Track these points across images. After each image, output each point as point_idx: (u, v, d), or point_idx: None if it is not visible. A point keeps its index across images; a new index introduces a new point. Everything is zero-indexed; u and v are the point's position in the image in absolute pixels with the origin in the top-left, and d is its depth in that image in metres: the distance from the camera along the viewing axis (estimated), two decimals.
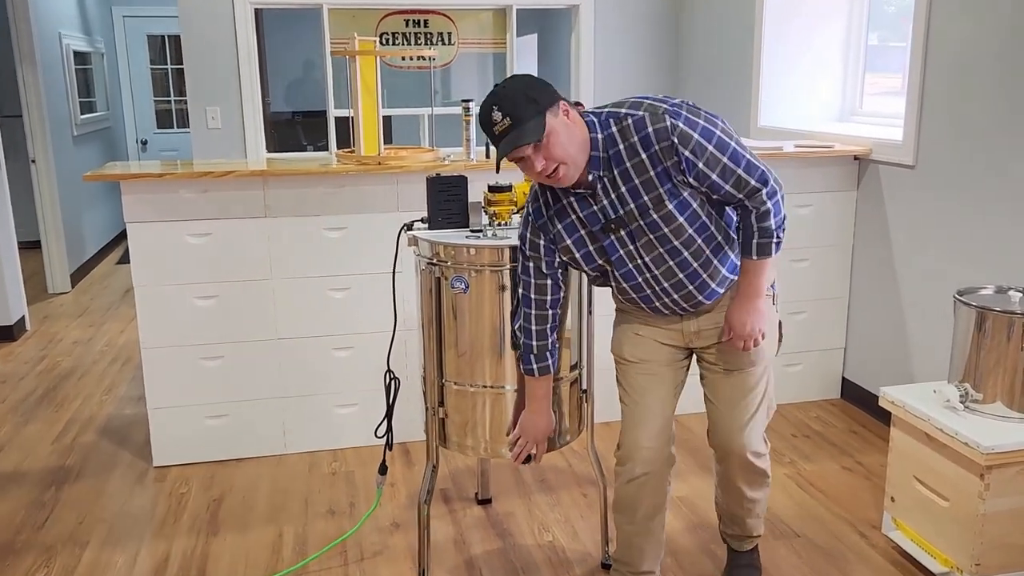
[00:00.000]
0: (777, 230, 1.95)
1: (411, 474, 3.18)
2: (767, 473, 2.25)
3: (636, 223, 1.93)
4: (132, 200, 3.01)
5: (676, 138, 1.84)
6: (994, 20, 2.85)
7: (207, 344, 3.18)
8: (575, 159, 1.87)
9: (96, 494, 3.07)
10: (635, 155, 1.88)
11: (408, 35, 5.05)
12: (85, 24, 7.17)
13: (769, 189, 1.91)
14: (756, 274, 1.99)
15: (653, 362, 2.16)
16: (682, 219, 1.92)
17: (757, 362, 2.12)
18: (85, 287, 6.19)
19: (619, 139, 1.89)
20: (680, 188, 1.90)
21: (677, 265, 1.98)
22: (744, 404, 2.14)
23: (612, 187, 1.92)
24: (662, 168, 1.87)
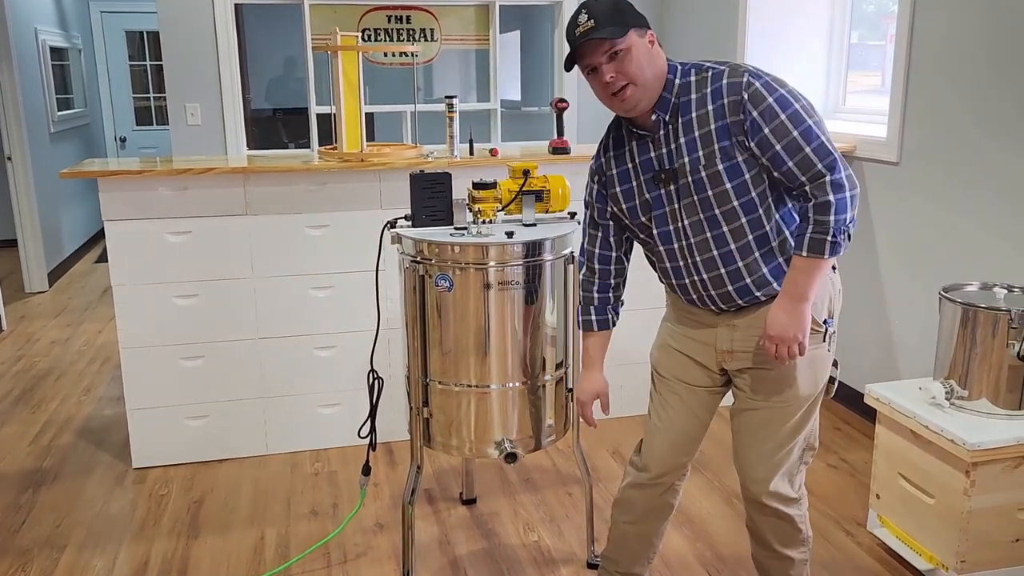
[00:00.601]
0: (836, 229, 1.72)
1: (395, 474, 3.15)
2: (798, 526, 2.01)
3: (685, 179, 1.82)
4: (110, 198, 2.96)
5: (747, 94, 1.73)
6: (977, 18, 2.86)
7: (187, 344, 3.13)
8: (646, 85, 1.79)
9: (74, 497, 3.01)
10: (702, 106, 1.78)
11: (390, 31, 5.01)
12: (62, 19, 7.08)
13: (835, 179, 1.72)
14: (804, 272, 1.76)
15: (683, 383, 2.03)
16: (729, 186, 1.78)
17: (792, 396, 1.90)
18: (63, 286, 6.10)
19: (693, 88, 1.80)
20: (736, 151, 1.76)
21: (713, 239, 1.83)
22: (770, 439, 1.94)
23: (673, 136, 1.82)
24: (723, 124, 1.76)
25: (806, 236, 1.75)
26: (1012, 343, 2.30)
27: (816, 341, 1.88)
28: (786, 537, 2.03)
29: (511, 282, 2.22)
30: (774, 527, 2.02)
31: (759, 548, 2.10)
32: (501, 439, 2.31)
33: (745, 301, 1.88)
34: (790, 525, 2.02)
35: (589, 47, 1.77)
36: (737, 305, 1.89)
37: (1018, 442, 2.26)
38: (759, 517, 2.03)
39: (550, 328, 2.31)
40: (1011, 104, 2.76)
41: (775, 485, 1.97)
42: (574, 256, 2.34)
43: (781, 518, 2.01)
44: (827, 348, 1.91)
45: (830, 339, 1.91)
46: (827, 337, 1.90)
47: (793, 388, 1.90)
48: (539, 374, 2.31)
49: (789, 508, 1.99)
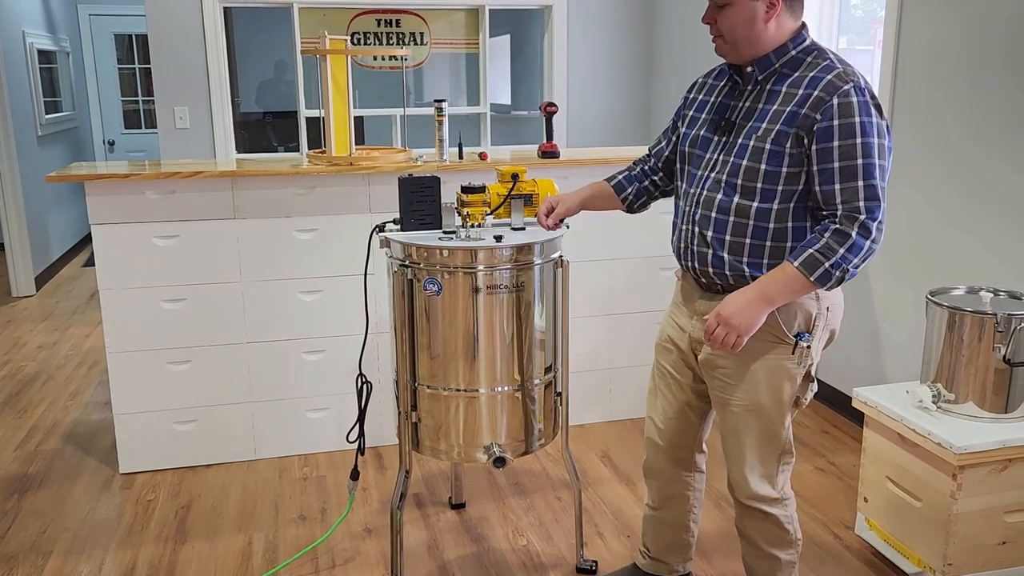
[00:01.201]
0: (839, 261, 1.70)
1: (383, 479, 3.14)
2: (784, 527, 2.01)
3: (736, 139, 1.82)
4: (97, 201, 2.94)
5: (838, 101, 1.69)
6: (963, 26, 2.88)
7: (175, 348, 3.12)
8: (736, 44, 1.80)
9: (60, 502, 2.99)
10: (796, 85, 1.76)
11: (380, 35, 5.01)
12: (50, 22, 7.04)
13: (868, 222, 1.69)
14: (785, 280, 1.73)
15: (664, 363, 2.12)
16: (763, 167, 1.76)
17: (752, 402, 1.90)
18: (50, 290, 6.06)
19: (802, 67, 1.78)
20: (789, 142, 1.73)
21: (719, 203, 1.83)
22: (740, 445, 1.96)
23: (757, 97, 1.82)
24: (797, 112, 1.73)
25: (808, 250, 1.73)
26: (998, 347, 2.32)
27: (784, 353, 1.86)
28: (772, 537, 2.04)
29: (500, 286, 2.22)
30: (759, 527, 2.04)
31: (747, 547, 2.11)
32: (490, 443, 2.30)
33: (715, 274, 1.88)
34: (775, 525, 2.02)
35: None
36: (709, 277, 1.90)
37: (1004, 445, 2.27)
38: (744, 517, 2.06)
39: (539, 332, 2.31)
40: (996, 111, 2.78)
41: (754, 487, 1.98)
42: (563, 260, 2.34)
43: (766, 518, 2.02)
44: (795, 363, 1.87)
45: (801, 354, 1.86)
46: (796, 350, 1.85)
47: (750, 391, 1.89)
48: (528, 378, 2.31)
49: (773, 508, 2.00)
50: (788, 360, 1.86)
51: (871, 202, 1.70)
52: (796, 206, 1.79)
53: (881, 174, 1.71)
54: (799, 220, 1.80)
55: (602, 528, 2.79)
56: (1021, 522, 2.34)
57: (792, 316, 1.83)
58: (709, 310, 1.91)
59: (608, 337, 3.50)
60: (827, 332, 1.91)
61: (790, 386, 1.89)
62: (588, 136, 5.13)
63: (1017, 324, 2.29)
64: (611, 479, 3.12)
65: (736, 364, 1.90)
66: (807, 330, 1.85)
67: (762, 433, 1.94)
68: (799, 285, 1.73)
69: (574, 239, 3.30)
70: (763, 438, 1.94)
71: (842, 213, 1.71)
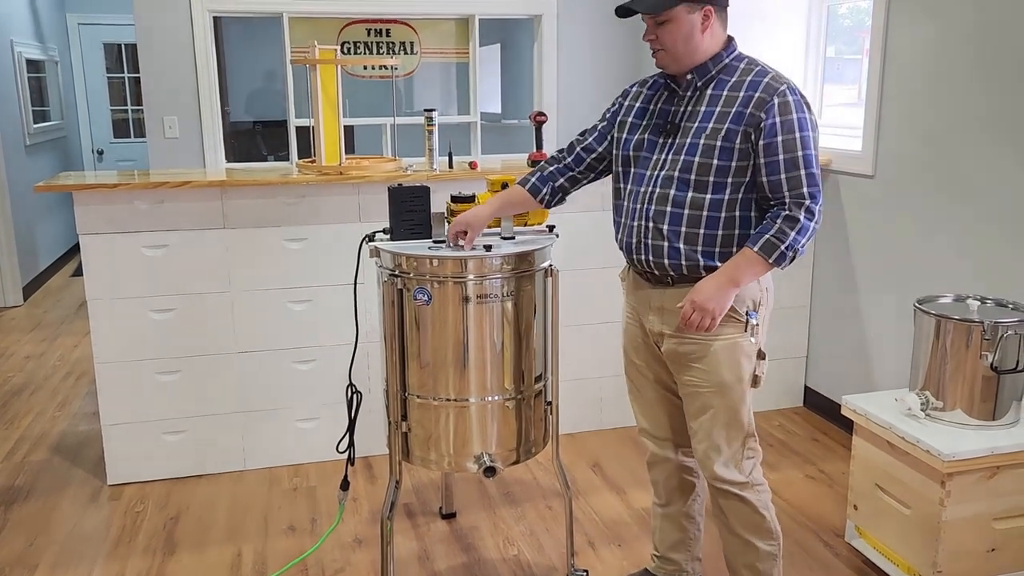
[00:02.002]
0: (793, 243, 1.89)
1: (374, 489, 3.13)
2: (761, 512, 2.10)
3: (684, 139, 1.97)
4: (85, 211, 2.93)
5: (778, 100, 1.88)
6: (950, 33, 2.90)
7: (164, 358, 3.10)
8: (677, 57, 1.95)
9: (47, 514, 2.97)
10: (736, 89, 1.93)
11: (370, 44, 5.01)
12: (38, 31, 7.02)
13: (812, 206, 1.89)
14: (746, 264, 1.92)
15: (635, 359, 2.22)
16: (714, 163, 1.92)
17: (716, 380, 2.03)
18: (38, 300, 6.03)
19: (737, 72, 1.96)
20: (738, 139, 1.90)
21: (674, 198, 1.96)
22: (704, 424, 2.07)
23: (696, 100, 1.98)
24: (742, 111, 1.90)
25: (764, 236, 1.91)
26: (985, 354, 2.33)
27: (738, 330, 2.01)
28: (748, 522, 2.12)
29: (490, 295, 2.21)
30: (735, 509, 2.11)
31: (726, 535, 2.17)
32: (480, 453, 2.30)
33: (670, 265, 2.01)
34: (751, 509, 2.11)
35: (635, 7, 1.93)
36: (663, 269, 2.02)
37: (992, 452, 2.28)
38: (720, 498, 2.13)
39: (529, 341, 2.31)
40: (984, 118, 2.80)
41: (720, 470, 2.08)
42: (553, 269, 2.34)
43: (741, 501, 2.10)
44: (749, 339, 2.03)
45: (753, 330, 2.03)
46: (748, 328, 2.02)
47: (713, 371, 2.03)
48: (518, 387, 2.31)
49: (744, 492, 2.09)
50: (742, 337, 2.02)
51: (813, 188, 1.90)
52: (743, 197, 1.95)
53: (817, 164, 1.92)
54: (745, 210, 1.97)
55: (593, 537, 2.79)
56: (1010, 529, 2.35)
57: (741, 299, 1.99)
58: (666, 303, 2.06)
59: (598, 346, 3.50)
60: (768, 311, 2.09)
61: (748, 363, 2.05)
62: None
63: (1004, 332, 2.31)
64: (602, 488, 3.12)
65: (699, 348, 2.03)
66: (754, 309, 2.03)
67: (727, 413, 2.06)
68: (760, 267, 1.93)
69: (563, 248, 3.30)
70: (728, 418, 2.06)
71: (790, 200, 1.90)
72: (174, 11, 4.48)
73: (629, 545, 2.74)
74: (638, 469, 3.21)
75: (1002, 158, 2.74)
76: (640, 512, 2.93)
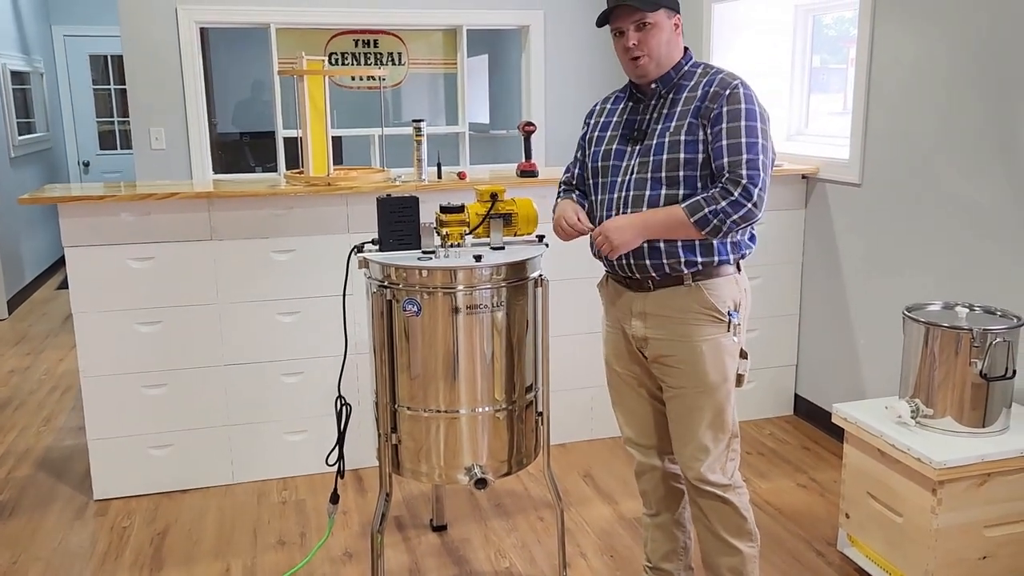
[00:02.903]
0: (720, 212, 1.91)
1: (364, 502, 3.11)
2: (742, 513, 2.11)
3: (651, 141, 2.02)
4: (71, 224, 2.90)
5: (728, 91, 1.96)
6: (936, 43, 2.92)
7: (150, 372, 3.07)
8: (658, 61, 2.02)
9: (32, 531, 2.93)
10: (693, 92, 2.01)
11: (358, 55, 5.01)
12: (23, 43, 6.98)
13: (749, 187, 1.91)
14: (667, 217, 1.96)
15: (618, 368, 2.23)
16: (682, 156, 1.97)
17: (700, 380, 2.05)
18: (23, 314, 5.98)
19: (695, 79, 2.03)
20: (697, 132, 1.97)
21: (648, 198, 2.01)
22: (691, 425, 2.09)
23: (660, 107, 2.05)
24: (699, 105, 1.98)
25: (696, 197, 1.95)
26: (974, 361, 2.34)
27: (721, 330, 2.05)
28: (731, 525, 2.12)
29: (480, 306, 2.21)
30: (718, 511, 2.12)
31: (709, 539, 2.16)
32: (471, 465, 2.29)
33: (652, 266, 2.03)
34: (733, 511, 2.11)
35: (622, 12, 1.98)
36: (644, 271, 2.04)
37: (983, 459, 2.28)
38: (702, 501, 2.14)
39: (520, 351, 2.30)
40: (969, 127, 2.81)
41: (705, 471, 2.09)
42: (543, 278, 2.33)
43: (723, 502, 2.11)
44: (732, 338, 2.07)
45: (735, 329, 2.07)
46: (731, 327, 2.06)
47: (699, 372, 2.05)
48: (509, 398, 2.30)
49: (728, 494, 2.11)
50: (725, 336, 2.06)
51: (752, 171, 1.92)
52: None
53: (763, 154, 1.95)
54: None
55: (585, 548, 2.77)
56: (1001, 536, 2.35)
57: (722, 298, 2.04)
58: (647, 308, 2.08)
59: (588, 355, 3.49)
60: (747, 312, 2.12)
61: (732, 361, 2.08)
62: (566, 155, 5.13)
63: (993, 339, 2.31)
64: (593, 499, 3.11)
65: (683, 350, 2.05)
66: (735, 309, 2.07)
67: (712, 413, 2.07)
68: (678, 223, 1.95)
69: (553, 257, 3.30)
70: (713, 418, 2.08)
71: (728, 177, 1.93)
72: (160, 22, 4.47)
73: (621, 555, 2.73)
74: (629, 479, 3.20)
75: (988, 166, 2.75)
76: (632, 522, 2.92)
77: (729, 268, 2.06)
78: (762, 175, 1.93)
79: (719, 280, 2.04)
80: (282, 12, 4.63)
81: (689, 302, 2.04)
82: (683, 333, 2.04)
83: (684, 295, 2.04)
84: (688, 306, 2.04)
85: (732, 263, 2.06)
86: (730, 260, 2.05)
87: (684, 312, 2.04)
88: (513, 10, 4.98)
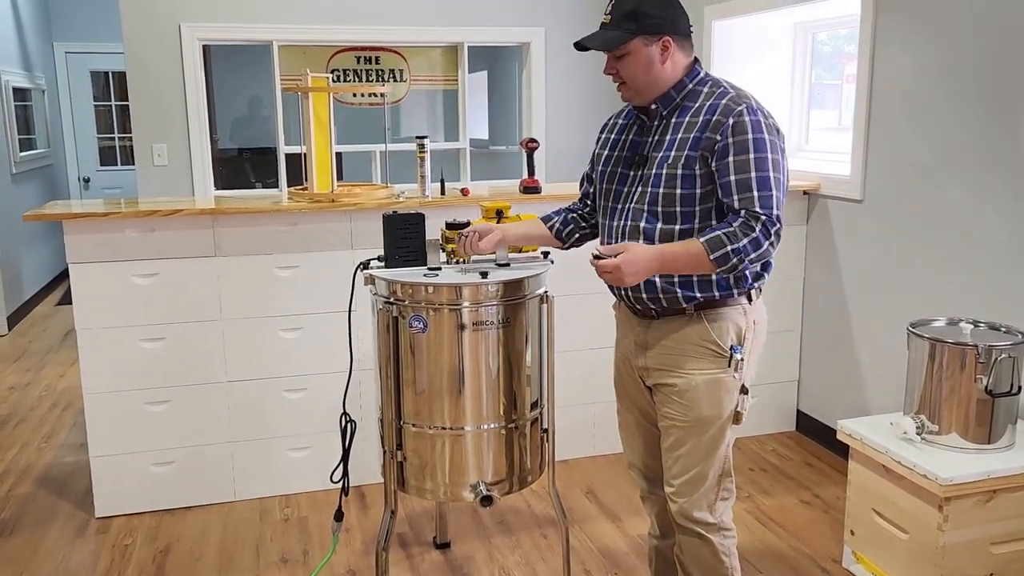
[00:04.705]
0: (741, 249, 1.81)
1: (367, 519, 3.10)
2: (720, 557, 2.03)
3: (650, 170, 1.95)
4: (75, 240, 2.91)
5: (732, 120, 1.84)
6: (937, 60, 2.94)
7: (153, 388, 3.06)
8: (640, 88, 1.94)
9: (33, 549, 2.91)
10: (697, 114, 1.91)
11: (359, 72, 5.03)
12: (25, 60, 7.01)
13: (768, 225, 1.83)
14: (686, 252, 1.84)
15: (623, 394, 2.20)
16: (679, 192, 1.89)
17: (696, 415, 1.98)
18: (23, 330, 5.96)
19: (700, 97, 1.93)
20: (698, 164, 1.87)
21: (643, 231, 1.94)
22: (682, 458, 2.01)
23: (663, 129, 1.96)
24: (699, 136, 1.88)
25: (716, 232, 1.84)
26: (980, 377, 2.34)
27: (720, 365, 1.96)
28: (705, 567, 2.06)
29: (485, 323, 2.21)
30: (695, 550, 2.06)
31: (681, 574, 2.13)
32: (476, 482, 2.28)
33: (649, 299, 1.97)
34: (710, 553, 2.04)
35: (589, 44, 1.93)
36: (643, 303, 1.99)
37: (989, 476, 2.28)
38: (682, 537, 2.09)
39: (525, 368, 2.30)
40: (970, 144, 2.83)
41: (690, 507, 2.03)
42: (548, 295, 2.34)
43: (702, 544, 2.04)
44: (732, 375, 1.97)
45: (736, 366, 1.96)
46: (732, 363, 1.96)
47: (694, 406, 1.97)
48: (514, 415, 2.30)
49: (710, 533, 2.04)
50: (725, 373, 1.97)
51: (767, 209, 1.83)
52: (717, 223, 1.90)
53: (776, 185, 1.85)
54: None
55: (589, 566, 2.76)
56: (1008, 553, 2.35)
57: (725, 331, 1.95)
58: (650, 340, 2.02)
59: (591, 370, 3.49)
60: (756, 345, 2.02)
61: (728, 399, 1.98)
62: (567, 171, 5.15)
63: (998, 355, 2.32)
64: (597, 516, 3.10)
65: (681, 383, 1.98)
66: (739, 343, 1.97)
67: (705, 449, 2.00)
68: (697, 261, 1.84)
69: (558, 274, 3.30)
70: (706, 455, 2.01)
71: (746, 214, 1.83)
72: (164, 40, 4.49)
73: (626, 574, 2.71)
74: (633, 496, 3.19)
75: (989, 182, 2.77)
76: (636, 540, 2.91)
77: (736, 298, 1.96)
78: (777, 211, 1.84)
79: (724, 311, 1.95)
80: (285, 30, 4.66)
81: (689, 333, 1.96)
82: (681, 365, 1.97)
83: (684, 326, 1.96)
84: (688, 337, 1.96)
85: (737, 294, 1.95)
86: (733, 293, 1.94)
87: (683, 344, 1.97)
88: (514, 27, 5.01)
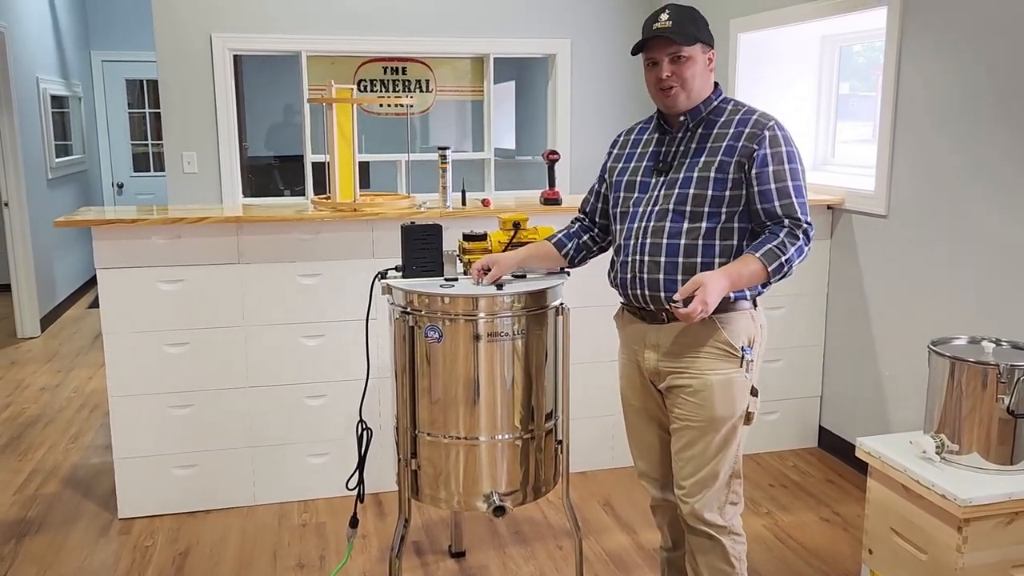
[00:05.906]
0: (791, 259, 1.96)
1: (383, 526, 3.12)
2: (730, 559, 2.09)
3: (677, 174, 2.04)
4: (104, 246, 2.97)
5: (769, 133, 1.99)
6: (963, 73, 2.91)
7: (177, 392, 3.12)
8: (691, 93, 2.03)
9: (58, 548, 2.97)
10: (724, 128, 2.03)
11: (386, 82, 5.08)
12: (63, 68, 7.17)
13: (808, 230, 1.99)
14: (747, 269, 1.94)
15: (633, 401, 2.23)
16: (709, 193, 1.99)
17: (709, 415, 2.03)
18: (55, 332, 6.08)
19: (725, 114, 2.06)
20: (731, 169, 1.99)
21: (669, 229, 2.02)
22: (693, 459, 2.07)
23: (688, 140, 2.06)
24: (735, 144, 2.00)
25: (768, 246, 1.95)
26: (1001, 397, 2.30)
27: (733, 365, 2.04)
28: (716, 570, 2.09)
29: (501, 334, 2.22)
30: (706, 552, 2.09)
31: None
32: (490, 492, 2.29)
33: (666, 298, 2.02)
34: (720, 555, 2.08)
35: (658, 43, 2.00)
36: (659, 303, 2.04)
37: (1011, 498, 2.24)
38: (693, 539, 2.12)
39: (540, 379, 2.30)
40: (997, 159, 2.79)
41: (701, 508, 2.07)
42: (564, 307, 2.34)
43: (712, 545, 2.08)
44: (744, 375, 2.05)
45: (748, 366, 2.05)
46: (744, 364, 2.05)
47: (708, 406, 2.03)
48: (529, 426, 2.30)
49: (720, 535, 2.08)
50: (737, 373, 2.04)
51: (805, 215, 2.00)
52: (738, 225, 2.03)
53: (804, 193, 2.03)
54: (740, 239, 2.04)
55: None
56: None
57: (737, 334, 2.04)
58: (661, 340, 2.08)
59: (608, 382, 3.47)
60: (762, 348, 2.12)
61: (742, 399, 2.06)
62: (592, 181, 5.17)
63: (1020, 375, 2.28)
64: (613, 528, 3.09)
65: (696, 382, 2.04)
66: (749, 345, 2.06)
67: (716, 448, 2.05)
68: (756, 275, 1.96)
69: (574, 285, 3.31)
70: (716, 454, 2.06)
71: (788, 224, 1.98)
72: (195, 49, 4.57)
73: None
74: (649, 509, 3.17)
75: (1016, 197, 2.73)
76: (651, 552, 2.89)
77: (745, 303, 2.05)
78: (808, 215, 2.00)
79: (734, 315, 2.03)
80: (313, 40, 4.72)
81: (703, 336, 2.03)
82: (695, 366, 2.04)
83: (698, 328, 2.02)
84: (701, 339, 2.03)
85: (748, 299, 2.06)
86: (746, 296, 2.04)
87: (697, 345, 2.04)
88: (540, 39, 5.03)
